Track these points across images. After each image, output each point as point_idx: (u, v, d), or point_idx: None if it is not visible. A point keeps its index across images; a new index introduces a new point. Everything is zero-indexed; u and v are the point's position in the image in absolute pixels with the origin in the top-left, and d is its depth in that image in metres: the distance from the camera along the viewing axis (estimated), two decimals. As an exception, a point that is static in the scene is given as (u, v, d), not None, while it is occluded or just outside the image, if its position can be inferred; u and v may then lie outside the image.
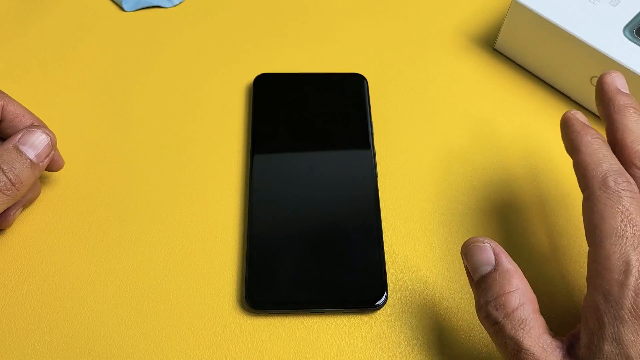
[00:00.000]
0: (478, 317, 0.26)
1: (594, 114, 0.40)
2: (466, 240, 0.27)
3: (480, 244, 0.26)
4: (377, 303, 0.32)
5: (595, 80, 0.38)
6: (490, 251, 0.26)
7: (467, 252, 0.27)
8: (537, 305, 0.25)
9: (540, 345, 0.23)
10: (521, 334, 0.24)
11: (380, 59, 0.42)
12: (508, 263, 0.26)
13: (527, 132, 0.39)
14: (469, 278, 0.27)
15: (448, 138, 0.39)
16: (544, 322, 0.25)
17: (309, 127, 0.38)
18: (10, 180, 0.29)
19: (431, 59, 0.43)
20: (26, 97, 0.39)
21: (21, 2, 0.44)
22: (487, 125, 0.39)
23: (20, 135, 0.31)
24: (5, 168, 0.29)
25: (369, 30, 0.44)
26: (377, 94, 0.40)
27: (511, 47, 0.42)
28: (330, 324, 0.32)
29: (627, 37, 0.37)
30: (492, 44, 0.43)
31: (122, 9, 0.44)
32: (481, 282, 0.26)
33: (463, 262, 0.27)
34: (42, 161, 0.31)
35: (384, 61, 0.42)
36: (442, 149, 0.38)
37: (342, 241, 0.33)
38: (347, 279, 0.32)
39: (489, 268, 0.26)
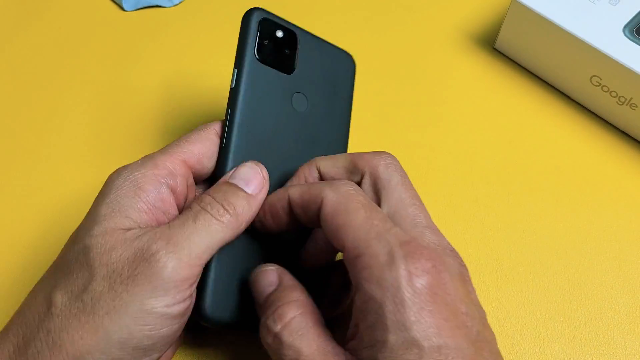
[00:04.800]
0: (261, 340, 0.24)
1: (593, 114, 0.40)
2: (253, 270, 0.27)
3: (265, 269, 0.26)
4: None
5: (595, 80, 0.38)
6: (274, 273, 0.26)
7: (254, 279, 0.26)
8: (320, 318, 0.24)
9: (320, 352, 0.22)
10: (299, 342, 0.23)
11: (380, 58, 0.42)
12: (290, 280, 0.26)
13: (527, 131, 0.39)
14: (257, 308, 0.26)
15: (448, 137, 0.39)
16: (330, 334, 0.24)
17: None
18: (228, 212, 0.26)
19: (431, 58, 0.43)
20: (26, 96, 0.39)
21: (21, 2, 0.45)
22: (486, 125, 0.39)
23: (231, 172, 0.28)
24: (221, 201, 0.26)
25: (368, 29, 0.44)
26: (376, 94, 0.40)
27: (511, 47, 0.42)
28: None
29: (627, 37, 0.37)
30: (492, 43, 0.43)
31: (122, 8, 0.44)
32: (265, 302, 0.25)
33: (252, 294, 0.26)
34: (259, 192, 0.27)
35: (383, 60, 0.42)
36: (442, 149, 0.38)
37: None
38: None
39: (272, 288, 0.25)
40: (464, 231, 0.35)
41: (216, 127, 0.29)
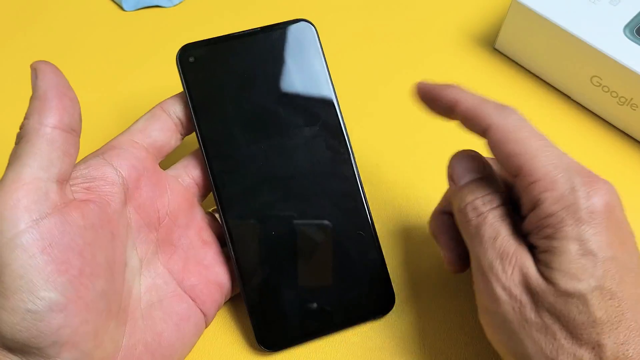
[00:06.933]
0: (459, 213, 0.27)
1: (594, 114, 0.40)
2: (456, 153, 0.29)
3: (471, 154, 0.28)
4: (389, 308, 0.31)
5: (595, 80, 0.38)
6: (480, 161, 0.28)
7: (457, 159, 0.29)
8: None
9: (513, 236, 0.25)
10: (499, 224, 0.25)
11: (379, 58, 0.42)
12: (493, 173, 0.28)
13: (527, 131, 0.39)
14: (451, 183, 0.29)
15: (448, 137, 0.39)
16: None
17: (264, 107, 0.31)
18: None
19: (431, 58, 0.42)
20: (26, 96, 0.39)
21: (21, 2, 0.45)
22: (487, 125, 0.39)
23: None
24: None
25: (368, 29, 0.44)
26: (376, 93, 0.40)
27: (511, 47, 0.42)
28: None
29: (627, 37, 0.37)
30: (492, 43, 0.43)
31: (122, 8, 0.44)
32: (469, 184, 0.27)
33: (449, 170, 0.29)
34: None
35: (383, 61, 0.42)
36: (442, 149, 0.38)
37: (336, 254, 0.31)
38: (353, 294, 0.31)
39: (477, 175, 0.27)
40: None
41: (163, 105, 0.32)
